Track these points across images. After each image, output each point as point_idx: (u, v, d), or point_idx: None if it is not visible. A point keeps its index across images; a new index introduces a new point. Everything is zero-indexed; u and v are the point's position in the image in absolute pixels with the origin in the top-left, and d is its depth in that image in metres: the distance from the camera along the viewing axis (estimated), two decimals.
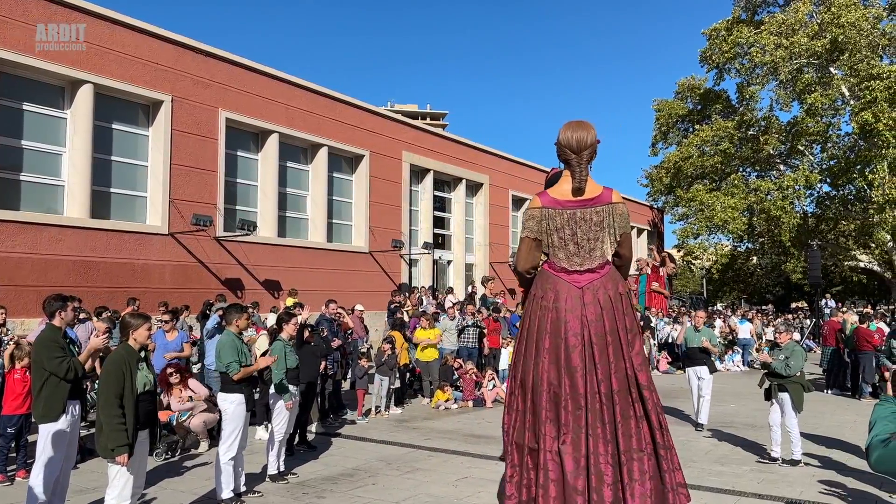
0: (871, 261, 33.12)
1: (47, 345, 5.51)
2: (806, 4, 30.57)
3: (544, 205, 3.91)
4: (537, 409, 3.59)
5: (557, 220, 3.88)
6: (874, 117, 25.85)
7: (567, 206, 3.89)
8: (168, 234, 15.28)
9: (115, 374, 5.02)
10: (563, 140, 3.92)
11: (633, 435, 3.44)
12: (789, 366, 7.89)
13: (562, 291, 3.82)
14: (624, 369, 3.63)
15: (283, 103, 18.22)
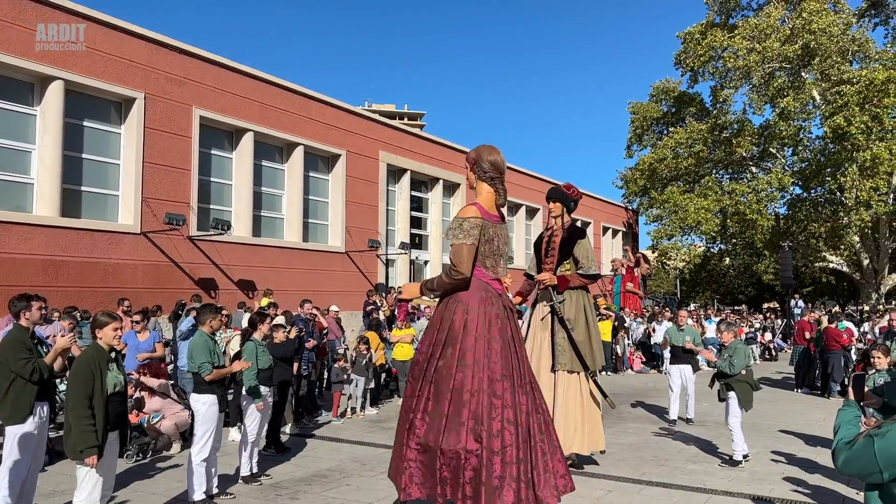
0: (841, 262, 33.75)
1: (14, 346, 5.41)
2: (778, 10, 31.07)
3: (483, 216, 4.30)
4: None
5: (490, 231, 4.33)
6: (846, 121, 26.33)
7: (493, 220, 4.38)
8: (140, 234, 15.09)
9: (83, 375, 4.95)
10: (491, 160, 4.45)
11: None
12: (733, 364, 8.02)
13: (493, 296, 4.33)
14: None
15: (258, 101, 18.08)
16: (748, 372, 8.05)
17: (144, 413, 8.47)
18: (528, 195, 30.59)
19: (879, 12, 32.92)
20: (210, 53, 16.94)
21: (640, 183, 36.20)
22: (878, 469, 2.63)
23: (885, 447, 2.62)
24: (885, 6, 32.52)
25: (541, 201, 31.37)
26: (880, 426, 2.74)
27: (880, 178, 26.57)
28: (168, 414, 8.49)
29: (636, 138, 38.64)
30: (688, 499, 6.47)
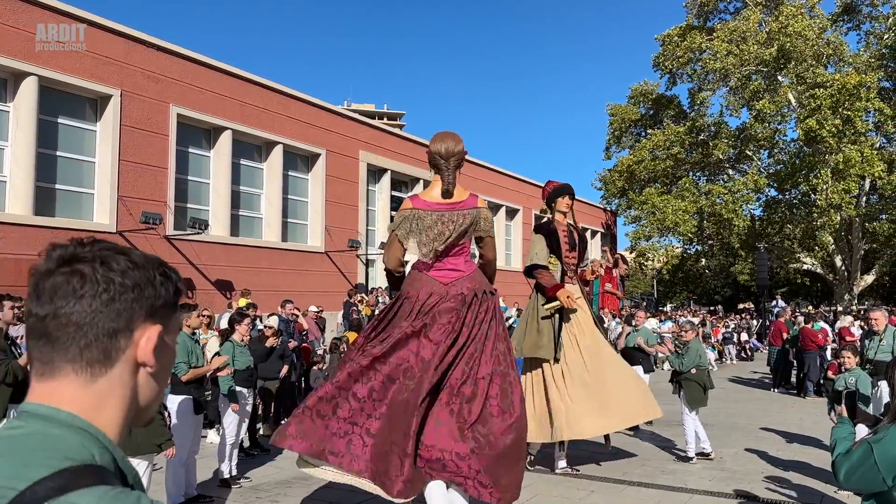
0: (815, 263, 34.25)
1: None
2: (755, 13, 31.45)
3: (414, 206, 4.32)
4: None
5: (426, 220, 4.28)
6: (818, 124, 26.72)
7: (435, 209, 4.30)
8: (116, 233, 14.85)
9: None
10: (434, 149, 4.40)
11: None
12: (682, 363, 8.08)
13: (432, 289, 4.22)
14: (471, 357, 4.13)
15: (236, 100, 17.90)
16: (699, 371, 8.04)
17: None
18: (507, 196, 30.66)
19: (852, 18, 33.47)
20: (188, 50, 16.74)
21: (618, 184, 36.44)
22: (881, 477, 2.62)
23: (884, 452, 2.62)
24: (857, 12, 33.07)
25: (519, 201, 31.48)
26: (877, 432, 2.74)
27: (851, 180, 27.00)
28: None
29: (614, 140, 38.89)
30: (669, 499, 6.50)
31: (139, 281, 0.95)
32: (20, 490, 0.78)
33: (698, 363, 8.07)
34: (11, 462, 0.82)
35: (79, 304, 0.91)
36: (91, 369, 0.92)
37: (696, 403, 8.03)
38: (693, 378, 8.04)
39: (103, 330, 0.92)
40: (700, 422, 8.13)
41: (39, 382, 0.93)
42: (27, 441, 0.85)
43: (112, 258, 0.94)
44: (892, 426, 2.69)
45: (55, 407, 0.90)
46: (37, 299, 0.92)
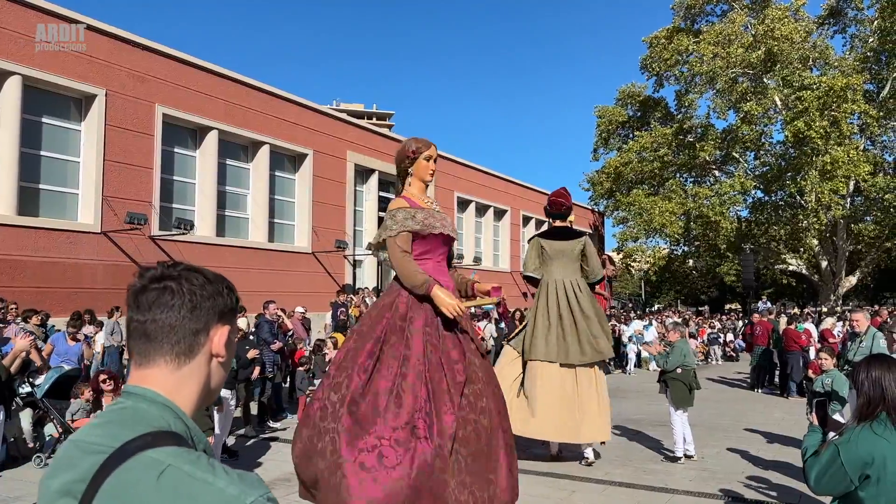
0: (800, 264, 34.53)
1: None
2: (742, 16, 31.67)
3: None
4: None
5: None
6: (806, 125, 26.95)
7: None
8: (101, 233, 14.78)
9: None
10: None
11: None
12: (667, 361, 8.16)
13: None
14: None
15: (222, 99, 17.85)
16: (684, 371, 8.07)
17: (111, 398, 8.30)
18: (495, 197, 30.72)
19: (838, 21, 33.79)
20: (173, 50, 16.68)
21: (606, 186, 36.59)
22: (848, 478, 2.66)
23: (850, 453, 2.66)
24: (842, 15, 33.39)
25: (507, 202, 31.56)
26: (843, 433, 2.78)
27: (839, 180, 27.25)
28: None
29: (602, 142, 39.05)
30: (650, 499, 6.54)
31: (212, 293, 1.25)
32: (115, 447, 1.08)
33: (683, 363, 8.09)
34: (111, 429, 1.13)
35: (171, 311, 1.20)
36: (178, 360, 1.21)
37: (682, 403, 8.06)
38: (678, 378, 8.07)
39: (189, 330, 1.21)
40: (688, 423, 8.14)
41: (137, 370, 1.22)
42: (123, 413, 1.16)
43: (191, 276, 1.24)
44: (857, 427, 2.73)
45: (145, 387, 1.19)
46: (137, 308, 1.22)
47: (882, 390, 2.72)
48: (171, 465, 1.05)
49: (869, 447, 2.63)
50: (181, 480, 1.04)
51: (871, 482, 2.64)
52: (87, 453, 1.11)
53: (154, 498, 1.02)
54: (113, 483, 1.05)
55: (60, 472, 1.13)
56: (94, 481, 1.07)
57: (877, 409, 2.72)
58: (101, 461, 1.08)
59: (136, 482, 1.04)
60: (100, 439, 1.11)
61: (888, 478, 2.60)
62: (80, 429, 1.19)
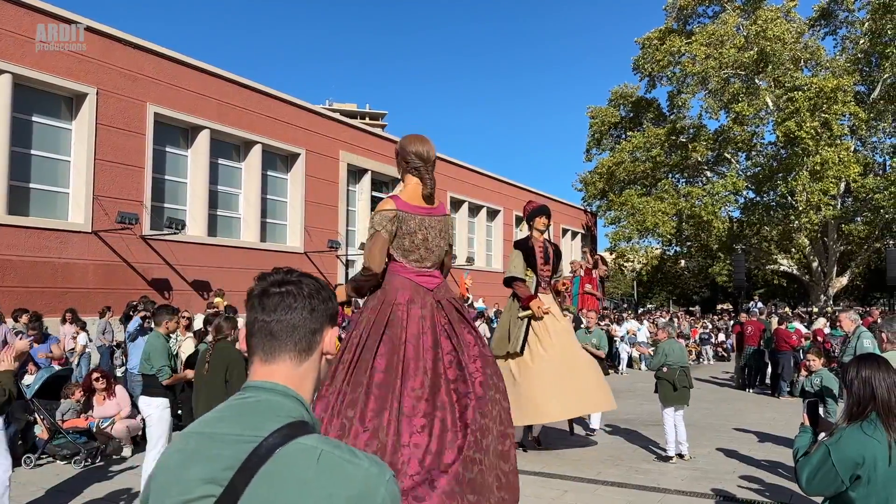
0: (791, 265, 34.67)
1: None
2: (734, 17, 31.79)
3: (398, 207, 4.13)
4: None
5: (411, 223, 4.12)
6: (797, 126, 27.07)
7: (418, 212, 4.16)
8: (91, 233, 14.70)
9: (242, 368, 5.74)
10: (415, 151, 4.23)
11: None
12: (651, 362, 8.38)
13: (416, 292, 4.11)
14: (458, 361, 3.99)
15: (214, 98, 17.78)
16: (670, 370, 8.11)
17: (93, 417, 8.26)
18: (488, 197, 30.73)
19: (829, 23, 33.96)
20: (165, 49, 16.61)
21: (598, 186, 36.66)
22: (839, 478, 2.67)
23: (840, 453, 2.66)
24: (833, 17, 33.55)
25: (500, 202, 31.57)
26: (833, 433, 2.79)
27: (829, 181, 27.38)
28: (119, 417, 8.30)
29: (595, 142, 39.12)
30: (642, 498, 6.54)
31: (325, 297, 1.40)
32: (263, 436, 1.19)
33: (665, 362, 8.14)
34: (252, 420, 1.23)
35: (294, 313, 1.34)
36: (300, 357, 1.34)
37: (667, 401, 8.10)
38: (663, 376, 8.13)
39: (309, 330, 1.35)
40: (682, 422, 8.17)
41: (263, 366, 1.33)
42: (259, 406, 1.26)
43: (307, 282, 1.39)
44: (847, 427, 2.74)
45: (275, 382, 1.30)
46: (262, 310, 1.35)
47: (872, 390, 2.73)
48: (324, 450, 1.19)
49: (859, 447, 2.64)
50: (335, 463, 1.18)
51: (861, 482, 2.64)
52: (227, 444, 1.20)
53: (316, 479, 1.15)
54: (272, 469, 1.16)
55: (196, 462, 1.21)
56: (246, 468, 1.16)
57: (867, 408, 2.73)
58: (250, 449, 1.18)
59: (297, 466, 1.16)
60: (240, 430, 1.21)
61: (878, 478, 2.61)
62: (202, 421, 1.28)
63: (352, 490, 1.16)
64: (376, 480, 1.19)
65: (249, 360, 1.37)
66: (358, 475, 1.17)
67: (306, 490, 1.14)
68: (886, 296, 32.86)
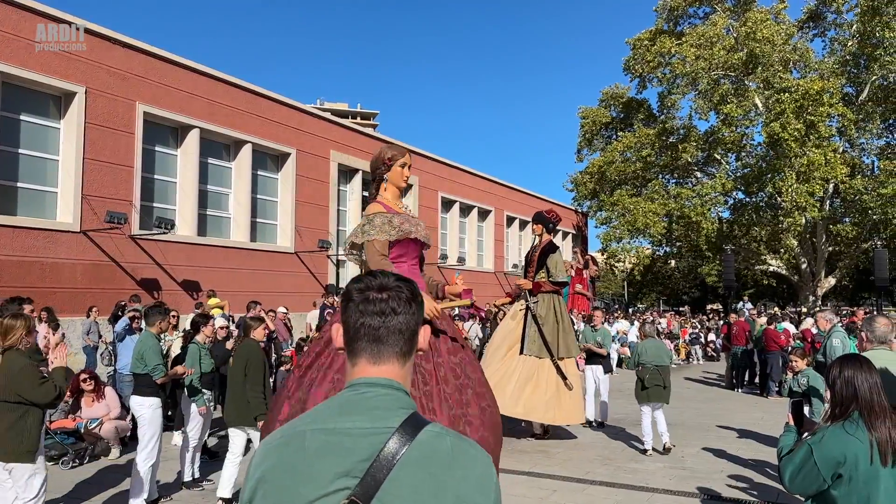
0: (780, 265, 34.85)
1: None
2: (724, 19, 31.93)
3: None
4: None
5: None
6: (781, 128, 27.23)
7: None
8: (80, 232, 14.61)
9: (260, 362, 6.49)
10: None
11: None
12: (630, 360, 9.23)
13: None
14: None
15: (204, 98, 17.70)
16: (644, 369, 8.60)
17: (81, 418, 8.22)
18: (479, 197, 30.76)
19: (818, 24, 34.17)
20: (154, 48, 16.52)
21: (589, 186, 36.73)
22: (821, 477, 2.69)
23: (822, 453, 2.69)
24: (822, 19, 33.76)
25: (491, 203, 31.61)
26: (816, 432, 2.81)
27: (816, 182, 27.56)
28: (107, 418, 8.26)
29: (586, 142, 39.22)
30: (630, 498, 6.58)
31: (419, 300, 1.47)
32: (393, 427, 1.29)
33: (639, 361, 8.73)
34: (377, 413, 1.32)
35: (397, 317, 1.41)
36: (405, 357, 1.43)
37: (639, 399, 8.64)
38: (638, 375, 8.74)
39: (410, 332, 1.44)
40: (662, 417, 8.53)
41: (372, 366, 1.41)
42: (380, 399, 1.35)
43: (403, 287, 1.45)
44: (830, 426, 2.76)
45: (390, 378, 1.40)
46: (367, 315, 1.41)
47: (854, 389, 2.76)
48: (451, 437, 1.32)
49: (841, 447, 2.66)
50: (460, 447, 1.32)
51: (843, 481, 2.67)
52: (358, 437, 1.29)
53: (452, 461, 1.28)
54: (413, 455, 1.27)
55: (327, 457, 1.28)
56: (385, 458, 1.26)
57: (849, 408, 2.76)
58: (383, 440, 1.27)
59: (436, 452, 1.28)
60: (369, 423, 1.30)
61: (860, 477, 2.63)
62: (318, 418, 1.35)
63: (478, 470, 1.31)
64: (490, 463, 1.34)
65: (352, 360, 1.44)
66: (480, 458, 1.33)
67: (447, 472, 1.27)
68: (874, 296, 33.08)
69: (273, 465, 1.31)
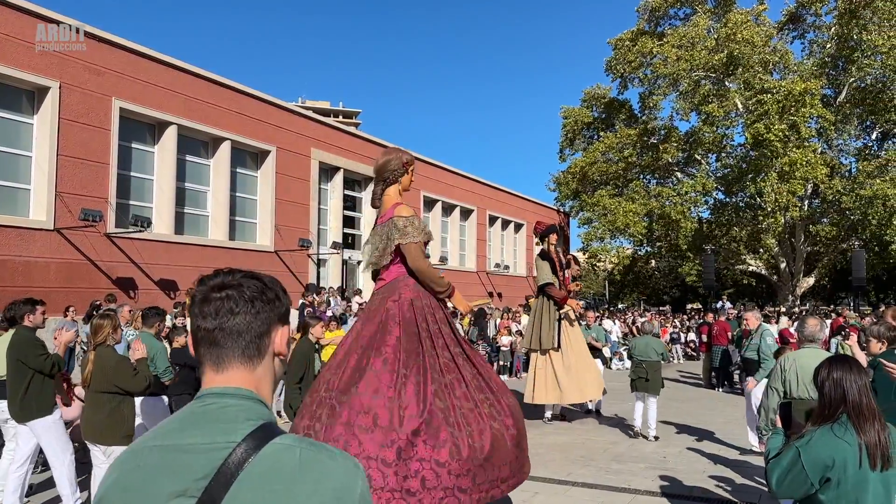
0: (760, 265, 35.12)
1: None
2: (704, 20, 32.11)
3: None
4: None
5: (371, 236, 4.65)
6: (766, 128, 27.41)
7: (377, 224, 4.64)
8: (53, 230, 14.32)
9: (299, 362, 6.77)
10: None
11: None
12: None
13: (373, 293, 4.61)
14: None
15: (182, 94, 17.44)
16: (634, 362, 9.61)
17: None
18: (462, 196, 30.67)
19: (797, 26, 34.47)
20: (130, 42, 16.23)
21: (571, 186, 36.78)
22: (809, 481, 2.62)
23: (810, 456, 2.61)
24: (802, 21, 34.07)
25: (474, 202, 31.54)
26: (803, 435, 2.74)
27: (797, 182, 27.78)
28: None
29: (568, 142, 39.27)
30: (612, 499, 6.51)
31: (271, 297, 1.34)
32: (235, 441, 1.16)
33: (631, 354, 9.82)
34: (221, 426, 1.19)
35: (236, 318, 1.28)
36: (251, 362, 1.30)
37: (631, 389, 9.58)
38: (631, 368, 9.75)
39: (255, 334, 1.30)
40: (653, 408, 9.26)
41: (217, 374, 1.28)
42: (226, 411, 1.22)
43: (250, 283, 1.33)
44: (817, 430, 2.69)
45: (237, 387, 1.27)
46: (203, 318, 1.29)
47: (843, 392, 2.69)
48: (302, 448, 1.20)
49: (829, 450, 2.59)
50: (316, 459, 1.19)
51: (831, 485, 2.59)
52: (197, 453, 1.16)
53: (300, 476, 1.16)
54: (253, 471, 1.14)
55: (163, 476, 1.15)
56: (223, 475, 1.13)
57: (838, 410, 2.68)
58: (224, 456, 1.15)
59: (280, 466, 1.16)
60: (208, 438, 1.18)
61: (848, 481, 2.56)
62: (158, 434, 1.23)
63: (335, 483, 1.18)
64: (354, 473, 1.21)
65: (201, 369, 1.32)
66: (338, 469, 1.20)
67: (294, 488, 1.14)
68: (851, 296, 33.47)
69: (114, 481, 1.21)
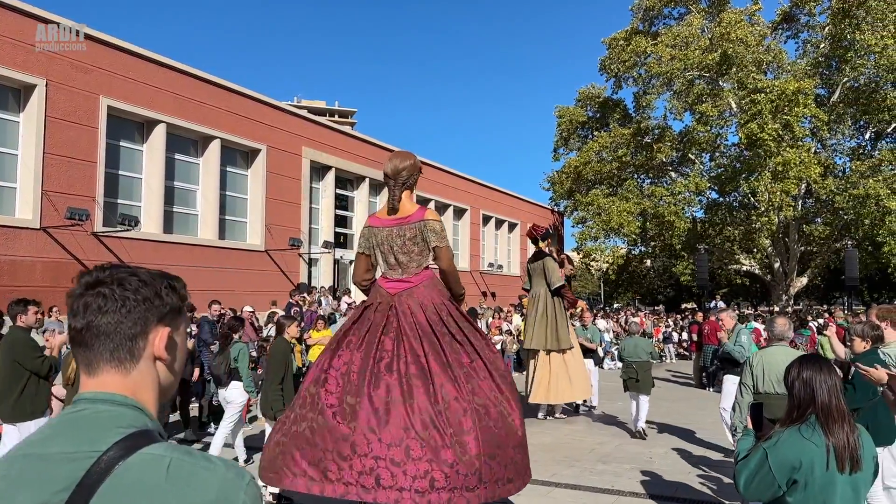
0: (753, 265, 35.10)
1: None
2: (698, 19, 32.08)
3: (370, 224, 4.61)
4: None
5: (379, 236, 4.54)
6: (759, 128, 27.38)
7: (385, 225, 4.54)
8: (40, 229, 14.20)
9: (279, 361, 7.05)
10: (384, 169, 4.65)
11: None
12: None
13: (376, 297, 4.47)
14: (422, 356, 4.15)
15: (171, 92, 17.31)
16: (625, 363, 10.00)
17: None
18: (455, 196, 30.59)
19: (791, 26, 34.45)
20: (119, 40, 16.11)
21: (566, 186, 36.72)
22: (776, 483, 2.55)
23: (777, 457, 2.54)
24: (795, 21, 34.05)
25: (468, 202, 31.47)
26: (771, 436, 2.67)
27: (791, 182, 27.75)
28: None
29: (563, 141, 39.19)
30: (596, 500, 6.44)
31: (148, 295, 1.22)
32: (99, 450, 1.07)
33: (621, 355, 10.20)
34: (88, 434, 1.10)
35: (104, 317, 1.18)
36: (122, 365, 1.19)
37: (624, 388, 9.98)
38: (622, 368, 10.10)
39: (125, 335, 1.19)
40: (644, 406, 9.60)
41: (89, 378, 1.20)
42: (96, 418, 1.13)
43: (126, 279, 1.21)
44: (785, 431, 2.61)
45: (109, 392, 1.17)
46: (73, 317, 1.20)
47: (812, 392, 2.61)
48: (174, 458, 1.09)
49: (797, 451, 2.52)
50: (188, 470, 1.09)
51: (798, 487, 2.52)
52: (58, 463, 1.07)
53: (167, 489, 1.06)
54: (116, 483, 1.05)
55: (23, 488, 1.06)
56: (84, 487, 1.04)
57: (807, 411, 2.61)
58: (87, 466, 1.06)
59: (145, 478, 1.06)
60: (75, 446, 1.09)
61: (815, 483, 2.49)
62: (28, 442, 1.14)
63: (208, 496, 1.08)
64: (234, 485, 1.11)
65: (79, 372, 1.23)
66: (213, 481, 1.09)
67: (157, 502, 1.05)
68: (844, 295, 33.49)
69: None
